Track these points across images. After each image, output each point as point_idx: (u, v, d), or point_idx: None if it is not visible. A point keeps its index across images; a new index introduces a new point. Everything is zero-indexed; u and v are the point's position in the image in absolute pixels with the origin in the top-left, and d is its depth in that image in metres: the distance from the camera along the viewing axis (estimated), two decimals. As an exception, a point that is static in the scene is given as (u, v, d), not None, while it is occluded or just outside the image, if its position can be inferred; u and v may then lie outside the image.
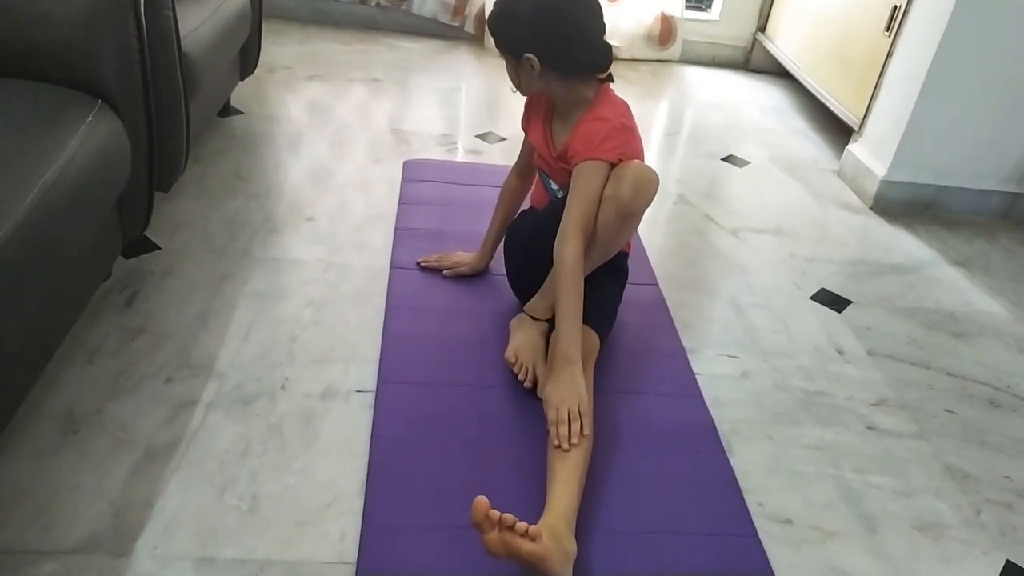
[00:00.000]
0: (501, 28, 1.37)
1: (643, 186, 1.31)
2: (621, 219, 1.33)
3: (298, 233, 1.79)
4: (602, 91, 1.40)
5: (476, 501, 0.97)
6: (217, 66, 1.86)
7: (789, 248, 2.02)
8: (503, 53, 1.39)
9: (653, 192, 1.34)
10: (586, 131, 1.36)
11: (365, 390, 1.37)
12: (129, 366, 1.35)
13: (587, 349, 1.35)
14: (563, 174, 1.41)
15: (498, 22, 1.37)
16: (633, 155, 1.35)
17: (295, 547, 1.09)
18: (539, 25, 1.33)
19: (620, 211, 1.32)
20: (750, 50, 3.32)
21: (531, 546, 0.96)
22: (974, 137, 2.21)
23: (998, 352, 1.73)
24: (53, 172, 1.06)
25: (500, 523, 0.96)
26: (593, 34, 1.36)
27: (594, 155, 1.33)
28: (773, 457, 1.36)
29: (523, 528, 0.97)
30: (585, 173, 1.33)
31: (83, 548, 1.05)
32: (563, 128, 1.43)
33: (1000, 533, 1.28)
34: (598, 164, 1.33)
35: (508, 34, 1.37)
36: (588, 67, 1.37)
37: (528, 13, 1.32)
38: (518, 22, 1.34)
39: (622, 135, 1.35)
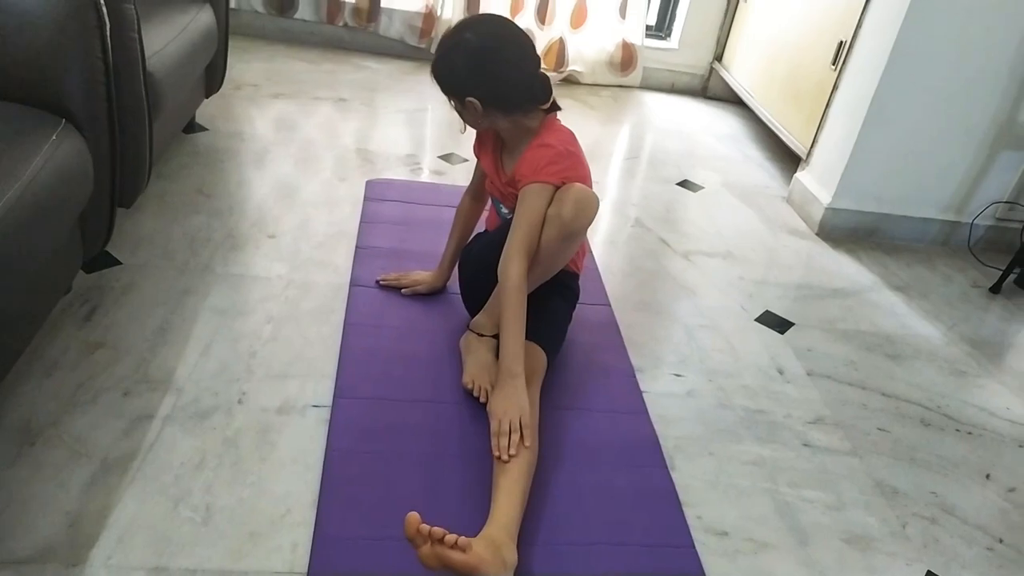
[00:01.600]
0: (442, 76, 1.45)
1: (584, 207, 1.38)
2: (563, 238, 1.40)
3: (260, 250, 1.82)
4: (547, 120, 1.48)
5: (408, 517, 1.02)
6: (182, 85, 1.89)
7: (738, 271, 2.10)
8: (448, 97, 1.47)
9: (593, 213, 1.41)
10: (532, 157, 1.43)
11: (321, 405, 1.41)
12: (87, 379, 1.37)
13: (534, 366, 1.41)
14: (513, 199, 1.47)
15: (438, 71, 1.45)
16: (577, 179, 1.42)
17: (248, 557, 1.12)
18: (475, 71, 1.41)
19: (562, 231, 1.39)
20: (707, 78, 3.42)
21: (462, 557, 1.01)
22: (915, 167, 2.32)
23: (931, 374, 1.82)
24: (16, 190, 1.09)
25: (431, 536, 1.01)
26: (527, 72, 1.44)
27: (539, 178, 1.40)
28: (713, 472, 1.42)
29: (452, 540, 1.01)
30: (530, 196, 1.40)
31: (37, 558, 1.07)
32: (511, 156, 1.50)
33: (923, 545, 1.35)
34: (542, 187, 1.40)
35: (449, 82, 1.45)
36: (527, 102, 1.45)
37: (464, 62, 1.41)
38: (456, 70, 1.42)
39: (567, 160, 1.42)
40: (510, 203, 1.51)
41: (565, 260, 1.50)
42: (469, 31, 1.42)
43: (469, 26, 1.44)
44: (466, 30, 1.43)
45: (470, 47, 1.41)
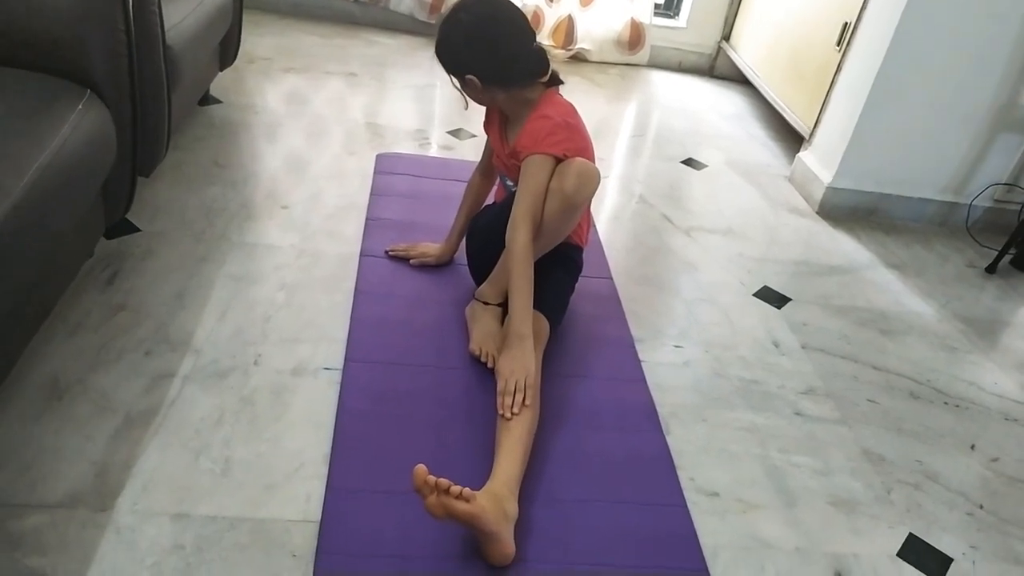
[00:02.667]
0: (443, 56, 1.52)
1: (585, 180, 1.44)
2: (564, 210, 1.46)
3: (273, 220, 1.88)
4: (547, 94, 1.54)
5: (416, 468, 1.08)
6: (198, 58, 1.94)
7: (738, 248, 2.15)
8: (450, 76, 1.53)
9: (594, 186, 1.47)
10: (532, 129, 1.48)
11: (333, 368, 1.48)
12: (110, 340, 1.44)
13: (537, 333, 1.47)
14: (516, 170, 1.53)
15: (439, 51, 1.52)
16: (577, 151, 1.48)
17: (264, 506, 1.19)
18: (473, 49, 1.47)
19: (564, 203, 1.44)
20: (715, 58, 3.45)
21: (465, 507, 1.08)
22: (915, 149, 2.36)
23: (922, 349, 1.87)
24: (47, 156, 1.15)
25: (437, 487, 1.07)
26: (523, 47, 1.50)
27: (539, 149, 1.46)
28: (706, 437, 1.48)
29: (457, 491, 1.08)
30: (532, 166, 1.46)
31: (67, 503, 1.14)
32: (514, 129, 1.56)
33: (906, 509, 1.41)
34: (543, 158, 1.46)
35: (449, 61, 1.51)
36: (524, 76, 1.51)
37: (462, 40, 1.48)
38: (455, 49, 1.49)
39: (565, 131, 1.48)
40: (514, 175, 1.56)
41: (567, 232, 1.55)
42: (463, 11, 1.48)
43: (464, 6, 1.50)
44: (461, 10, 1.49)
45: (465, 26, 1.47)
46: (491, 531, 1.11)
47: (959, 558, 1.33)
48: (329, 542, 1.15)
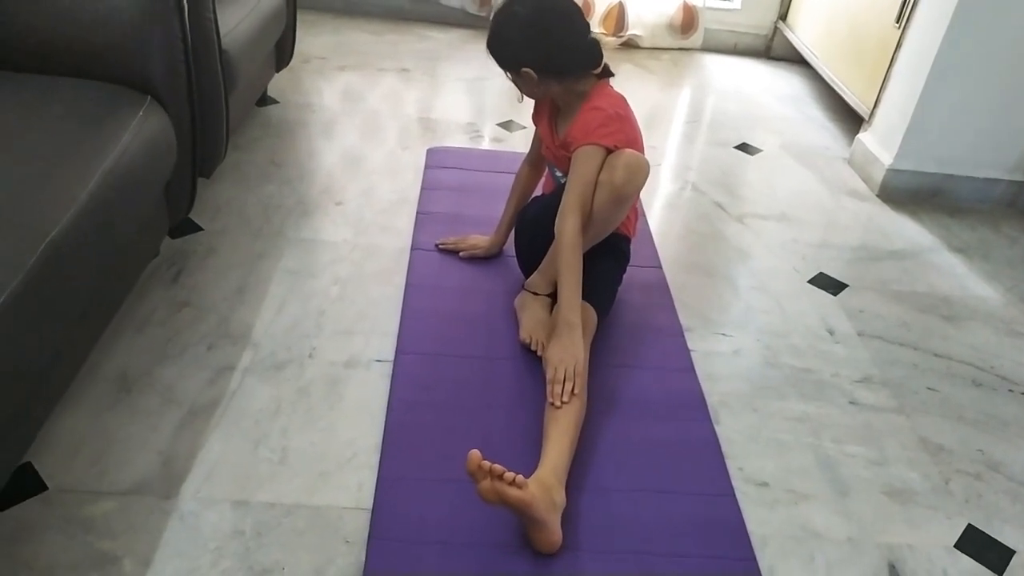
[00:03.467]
0: (497, 50, 1.52)
1: (634, 172, 1.44)
2: (614, 202, 1.47)
3: (328, 216, 1.93)
4: (599, 85, 1.53)
5: (470, 453, 1.11)
6: (254, 61, 2.00)
7: (792, 234, 2.11)
8: (504, 70, 1.53)
9: (644, 178, 1.47)
10: (584, 120, 1.49)
11: (384, 360, 1.52)
12: (175, 335, 1.51)
13: (585, 324, 1.48)
14: (566, 162, 1.53)
15: (493, 45, 1.52)
16: (628, 142, 1.48)
17: (319, 494, 1.24)
18: (529, 42, 1.48)
19: (613, 195, 1.45)
20: (771, 38, 3.37)
21: (517, 493, 1.10)
22: (979, 127, 2.27)
23: (987, 335, 1.81)
24: (110, 161, 1.21)
25: (491, 472, 1.10)
26: (578, 38, 1.50)
27: (590, 140, 1.47)
28: (756, 427, 1.47)
29: (511, 477, 1.10)
30: (583, 156, 1.47)
31: (136, 490, 1.21)
32: (565, 120, 1.57)
33: (965, 500, 1.38)
34: (594, 148, 1.46)
35: (504, 54, 1.52)
36: (579, 67, 1.51)
37: (518, 33, 1.48)
38: (510, 42, 1.50)
39: (616, 123, 1.48)
40: (564, 166, 1.57)
41: (616, 223, 1.55)
42: (518, 3, 1.49)
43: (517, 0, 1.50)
44: (515, 3, 1.49)
45: (521, 19, 1.48)
46: (540, 518, 1.13)
47: (1022, 550, 1.30)
48: (380, 528, 1.18)
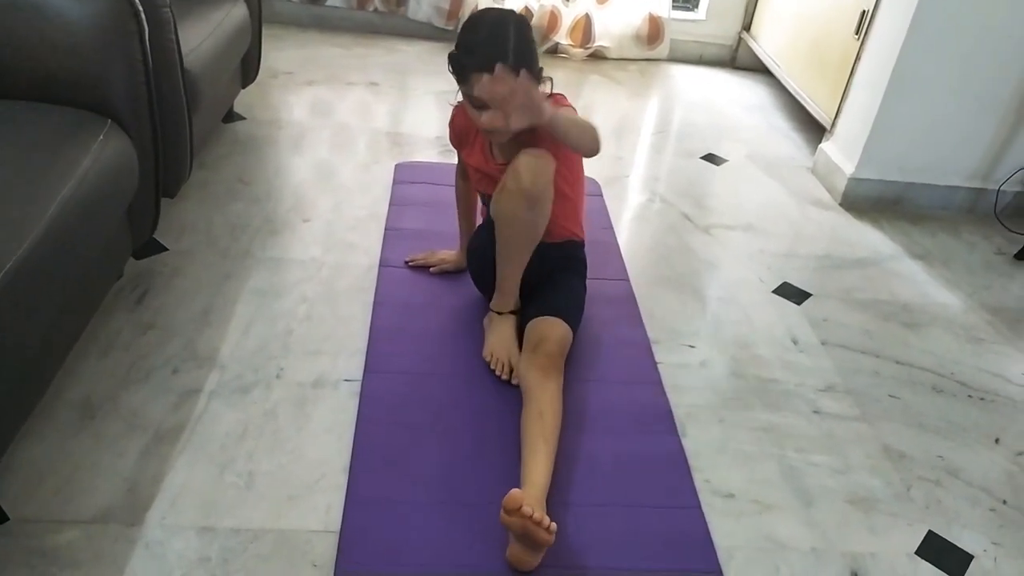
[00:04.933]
0: (526, 57, 1.41)
1: (536, 169, 1.42)
2: (530, 207, 1.45)
3: (296, 234, 1.93)
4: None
5: (512, 493, 1.13)
6: (218, 79, 1.99)
7: (759, 244, 2.14)
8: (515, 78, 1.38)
9: (549, 171, 1.44)
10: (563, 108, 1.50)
11: (353, 379, 1.52)
12: (140, 358, 1.50)
13: (562, 343, 1.50)
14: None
15: (519, 56, 1.40)
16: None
17: (286, 518, 1.24)
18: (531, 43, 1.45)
19: (526, 200, 1.44)
20: (736, 48, 3.42)
21: (547, 537, 1.12)
22: (939, 135, 2.32)
23: (947, 341, 1.85)
24: (69, 187, 1.20)
25: (531, 519, 1.11)
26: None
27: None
28: (723, 438, 1.49)
29: (547, 523, 1.12)
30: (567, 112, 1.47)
31: (100, 518, 1.20)
32: (508, 146, 1.51)
33: (926, 506, 1.41)
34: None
35: (532, 59, 1.44)
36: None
37: (527, 35, 1.45)
38: (530, 44, 1.44)
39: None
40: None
41: (542, 226, 1.51)
42: (504, 16, 1.48)
43: (499, 13, 1.50)
44: (504, 16, 1.47)
45: (519, 26, 1.44)
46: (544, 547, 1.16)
47: (980, 555, 1.32)
48: (348, 552, 1.18)
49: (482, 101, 1.42)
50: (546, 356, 1.46)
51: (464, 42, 1.45)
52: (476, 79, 1.40)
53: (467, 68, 1.42)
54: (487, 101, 1.41)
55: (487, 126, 1.45)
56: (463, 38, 1.46)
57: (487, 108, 1.43)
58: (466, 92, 1.46)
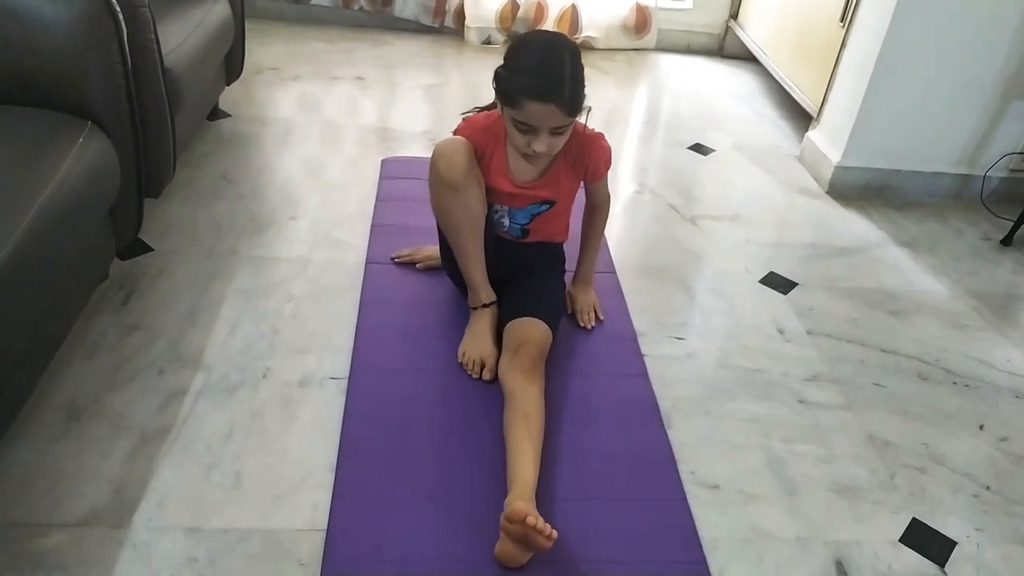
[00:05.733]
0: (579, 92, 1.38)
1: (451, 156, 1.48)
2: (454, 193, 1.49)
3: (282, 232, 1.93)
4: None
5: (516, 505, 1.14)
6: (201, 77, 1.99)
7: (745, 234, 2.14)
8: (568, 117, 1.39)
9: (462, 156, 1.48)
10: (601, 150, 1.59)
11: (339, 377, 1.52)
12: (125, 360, 1.50)
13: (542, 345, 1.51)
14: (528, 199, 1.57)
15: (574, 90, 1.37)
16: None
17: (273, 517, 1.24)
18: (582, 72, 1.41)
19: (450, 187, 1.48)
20: (724, 37, 3.41)
21: (547, 543, 1.13)
22: (924, 122, 2.32)
23: (932, 329, 1.86)
24: (49, 191, 1.20)
25: (535, 528, 1.12)
26: None
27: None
28: (708, 430, 1.50)
29: (548, 531, 1.13)
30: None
31: (86, 521, 1.20)
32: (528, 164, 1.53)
33: (910, 494, 1.42)
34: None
35: (583, 92, 1.40)
36: None
37: (579, 65, 1.40)
38: (582, 75, 1.40)
39: None
40: (519, 203, 1.58)
41: (477, 208, 1.53)
42: (559, 41, 1.43)
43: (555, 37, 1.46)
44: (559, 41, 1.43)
45: (574, 50, 1.40)
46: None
47: (963, 541, 1.34)
48: (335, 550, 1.19)
49: (529, 127, 1.40)
50: (528, 358, 1.46)
51: (516, 65, 1.39)
52: (528, 106, 1.37)
53: (519, 93, 1.37)
54: (536, 127, 1.39)
55: (536, 151, 1.42)
56: (515, 60, 1.40)
57: (532, 133, 1.40)
58: (512, 115, 1.41)
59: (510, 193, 1.56)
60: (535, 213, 1.60)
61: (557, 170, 1.56)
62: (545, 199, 1.58)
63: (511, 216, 1.61)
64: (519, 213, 1.60)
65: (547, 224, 1.62)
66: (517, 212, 1.60)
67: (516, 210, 1.60)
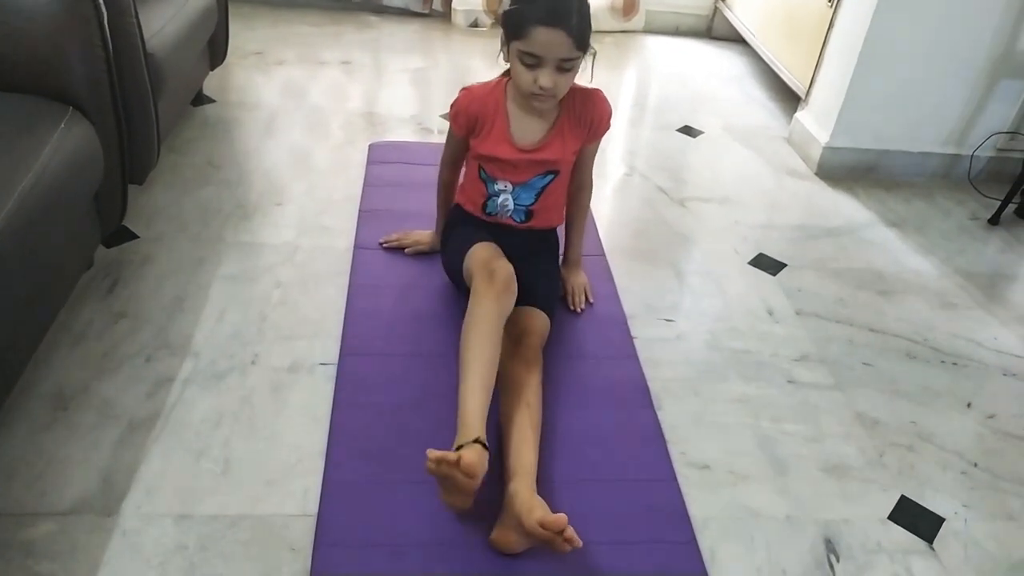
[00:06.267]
0: (587, 20, 1.37)
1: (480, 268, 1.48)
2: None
3: (268, 218, 1.91)
4: None
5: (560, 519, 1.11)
6: (184, 62, 1.96)
7: (734, 216, 2.14)
8: (577, 53, 1.37)
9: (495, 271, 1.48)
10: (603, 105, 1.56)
11: (328, 363, 1.51)
12: (112, 348, 1.49)
13: (540, 333, 1.51)
14: (532, 168, 1.54)
15: (582, 17, 1.36)
16: None
17: (263, 503, 1.24)
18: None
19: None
20: (712, 19, 3.40)
21: (568, 548, 1.11)
22: (912, 102, 2.32)
23: (920, 308, 1.87)
24: (29, 179, 1.18)
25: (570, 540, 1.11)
26: None
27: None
28: (698, 411, 1.50)
29: (577, 542, 1.11)
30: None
31: (75, 509, 1.19)
32: (529, 122, 1.51)
33: (899, 472, 1.43)
34: None
35: (590, 22, 1.38)
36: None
37: (587, 1, 1.39)
38: (588, 5, 1.38)
39: None
40: (522, 176, 1.55)
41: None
42: None
43: None
44: None
45: None
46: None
47: (951, 517, 1.35)
48: (325, 534, 1.19)
49: (536, 59, 1.36)
50: (530, 349, 1.45)
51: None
52: (536, 33, 1.33)
53: (528, 21, 1.33)
54: (543, 57, 1.36)
55: (543, 86, 1.38)
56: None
57: (539, 67, 1.37)
58: (520, 48, 1.37)
59: (513, 162, 1.54)
60: (540, 188, 1.57)
61: (561, 127, 1.52)
62: (549, 164, 1.55)
63: (516, 197, 1.59)
64: (523, 192, 1.58)
65: (549, 201, 1.60)
66: (522, 191, 1.58)
67: (521, 188, 1.57)
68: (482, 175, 1.60)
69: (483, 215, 1.63)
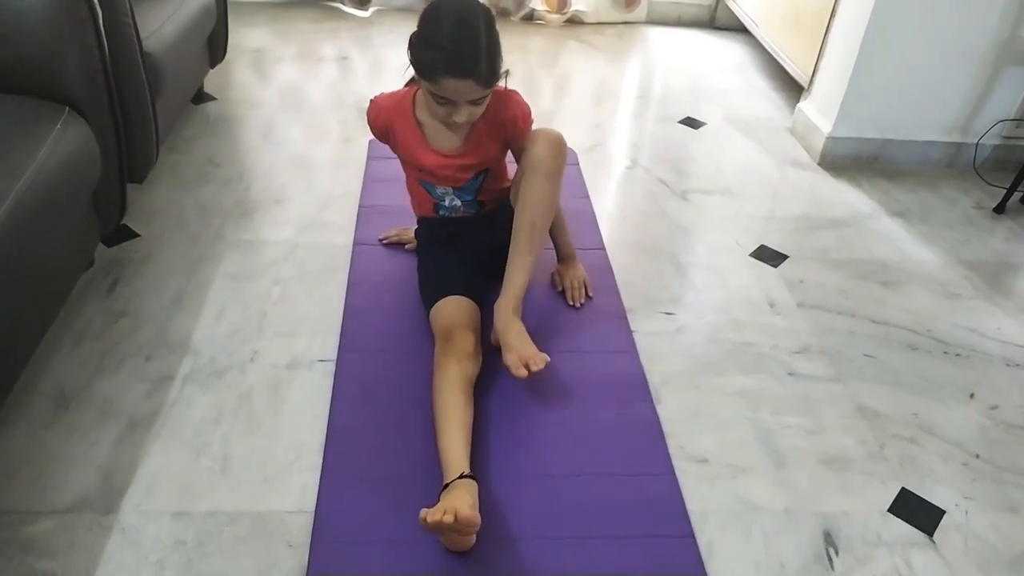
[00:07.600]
0: (496, 61, 1.36)
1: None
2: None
3: (269, 215, 1.92)
4: None
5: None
6: (182, 60, 1.97)
7: (736, 207, 2.13)
8: (486, 89, 1.37)
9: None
10: (523, 108, 1.52)
11: (327, 359, 1.52)
12: (112, 346, 1.50)
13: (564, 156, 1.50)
14: (461, 173, 1.54)
15: (491, 60, 1.34)
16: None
17: (262, 499, 1.24)
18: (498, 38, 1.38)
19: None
20: (715, 8, 3.37)
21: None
22: (916, 90, 2.30)
23: (923, 298, 1.85)
24: (26, 179, 1.19)
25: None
26: None
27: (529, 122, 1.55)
28: (697, 404, 1.50)
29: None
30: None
31: (76, 507, 1.20)
32: (443, 130, 1.50)
33: (900, 464, 1.42)
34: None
35: (500, 60, 1.37)
36: None
37: (495, 34, 1.37)
38: (498, 43, 1.36)
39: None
40: (455, 181, 1.56)
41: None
42: (469, 4, 1.36)
43: (465, 6, 1.36)
44: (471, 10, 1.35)
45: (488, 17, 1.36)
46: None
47: (952, 510, 1.34)
48: (323, 531, 1.19)
49: (448, 100, 1.37)
50: (551, 160, 1.46)
51: (429, 37, 1.35)
52: (445, 82, 1.33)
53: (436, 70, 1.33)
54: (455, 100, 1.37)
55: (458, 122, 1.40)
56: (427, 32, 1.35)
57: (452, 104, 1.38)
58: (431, 89, 1.38)
59: (441, 168, 1.54)
60: (477, 186, 1.58)
61: (478, 133, 1.50)
62: (476, 167, 1.55)
63: (459, 196, 1.60)
64: (464, 193, 1.59)
65: (490, 184, 1.60)
66: (462, 192, 1.59)
67: (459, 191, 1.59)
68: (422, 183, 1.61)
69: (439, 216, 1.64)
